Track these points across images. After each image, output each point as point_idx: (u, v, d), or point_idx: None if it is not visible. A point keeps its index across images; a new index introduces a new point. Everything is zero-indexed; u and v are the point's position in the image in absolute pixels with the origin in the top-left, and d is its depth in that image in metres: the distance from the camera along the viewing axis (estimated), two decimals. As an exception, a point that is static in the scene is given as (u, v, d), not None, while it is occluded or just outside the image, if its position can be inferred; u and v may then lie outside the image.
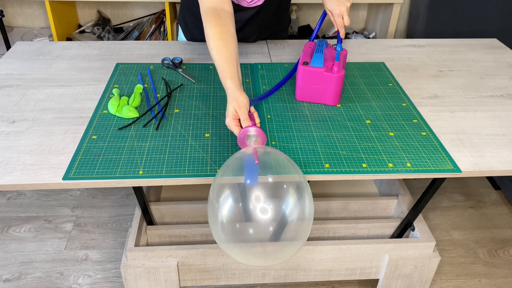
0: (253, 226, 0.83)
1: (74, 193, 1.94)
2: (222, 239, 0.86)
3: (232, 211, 0.84)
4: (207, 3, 1.11)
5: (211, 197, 0.87)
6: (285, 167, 0.88)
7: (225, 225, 0.84)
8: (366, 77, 1.35)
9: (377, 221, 1.39)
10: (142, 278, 1.25)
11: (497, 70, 1.42)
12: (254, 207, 0.83)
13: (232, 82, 1.00)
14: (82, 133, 1.07)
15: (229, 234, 0.85)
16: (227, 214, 0.84)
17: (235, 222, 0.84)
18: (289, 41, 1.57)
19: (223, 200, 0.85)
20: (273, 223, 0.83)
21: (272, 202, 0.83)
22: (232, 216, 0.84)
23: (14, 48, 1.47)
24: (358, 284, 1.56)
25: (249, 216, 0.83)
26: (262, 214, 0.83)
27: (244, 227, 0.84)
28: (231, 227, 0.84)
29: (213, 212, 0.86)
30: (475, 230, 1.81)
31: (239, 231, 0.84)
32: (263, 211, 0.83)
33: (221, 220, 0.84)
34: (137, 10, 2.50)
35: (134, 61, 1.40)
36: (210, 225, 0.88)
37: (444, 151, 1.04)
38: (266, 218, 0.83)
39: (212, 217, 0.86)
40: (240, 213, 0.84)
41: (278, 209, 0.83)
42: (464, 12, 2.22)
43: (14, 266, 1.60)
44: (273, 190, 0.85)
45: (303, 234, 0.87)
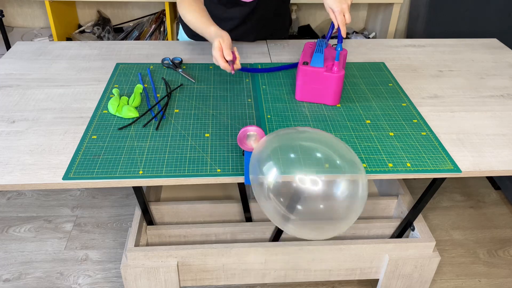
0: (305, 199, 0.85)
1: (74, 193, 1.94)
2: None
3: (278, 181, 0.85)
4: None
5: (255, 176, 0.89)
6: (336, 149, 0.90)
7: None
8: (366, 77, 1.35)
9: (377, 221, 1.39)
10: (142, 278, 1.25)
11: (497, 70, 1.42)
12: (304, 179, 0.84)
13: (215, 27, 1.16)
14: (82, 133, 1.07)
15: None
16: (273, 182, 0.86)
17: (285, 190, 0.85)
18: (289, 41, 1.57)
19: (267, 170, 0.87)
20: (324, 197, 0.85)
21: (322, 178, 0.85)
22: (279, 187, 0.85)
23: (14, 48, 1.47)
24: (358, 284, 1.56)
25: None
26: (313, 185, 0.84)
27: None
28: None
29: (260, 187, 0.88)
30: (475, 230, 1.81)
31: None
32: (314, 183, 0.84)
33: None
34: (137, 10, 2.50)
35: (134, 61, 1.40)
36: (259, 201, 0.89)
37: (444, 151, 1.04)
38: (317, 189, 0.84)
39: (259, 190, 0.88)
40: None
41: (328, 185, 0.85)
42: (464, 12, 2.22)
43: (14, 266, 1.60)
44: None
45: (353, 213, 0.88)
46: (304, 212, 0.85)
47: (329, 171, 0.85)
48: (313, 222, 0.87)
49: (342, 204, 0.86)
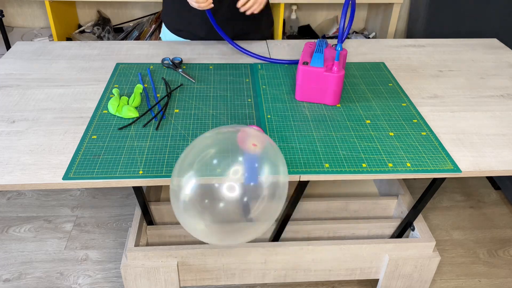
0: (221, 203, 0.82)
1: (74, 193, 1.94)
2: (185, 218, 0.85)
3: (195, 188, 0.82)
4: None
5: (173, 183, 0.86)
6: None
7: (188, 203, 0.83)
8: (366, 77, 1.35)
9: (377, 221, 1.39)
10: (142, 278, 1.25)
11: (497, 70, 1.42)
12: (220, 185, 0.82)
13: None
14: (82, 133, 1.07)
15: (193, 213, 0.83)
16: (189, 192, 0.82)
17: (202, 199, 0.82)
18: (289, 41, 1.57)
19: (186, 181, 0.83)
20: (240, 201, 0.82)
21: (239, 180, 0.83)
22: (195, 193, 0.82)
23: (14, 48, 1.47)
24: (358, 284, 1.56)
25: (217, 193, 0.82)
26: (229, 192, 0.82)
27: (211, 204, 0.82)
28: (194, 206, 0.83)
29: (175, 194, 0.85)
30: (475, 230, 1.81)
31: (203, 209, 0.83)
32: (230, 188, 0.82)
33: (183, 200, 0.83)
34: (137, 10, 2.50)
35: (134, 61, 1.40)
36: (172, 204, 0.86)
37: (444, 151, 1.04)
38: (233, 195, 0.82)
39: (173, 197, 0.85)
40: (205, 190, 0.82)
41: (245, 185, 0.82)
42: (464, 12, 2.22)
43: (14, 266, 1.60)
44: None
45: (272, 214, 0.86)
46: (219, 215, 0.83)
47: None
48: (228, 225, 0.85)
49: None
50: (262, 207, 0.84)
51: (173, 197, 0.86)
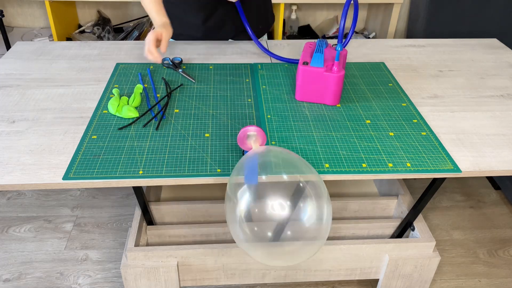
0: (271, 225, 0.84)
1: (74, 193, 1.94)
2: (240, 238, 0.86)
3: (250, 210, 0.84)
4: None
5: (229, 195, 0.88)
6: (300, 166, 0.89)
7: (244, 224, 0.85)
8: (366, 77, 1.35)
9: (377, 221, 1.39)
10: (142, 278, 1.25)
11: (497, 70, 1.42)
12: (272, 206, 0.83)
13: (161, 18, 1.25)
14: (82, 133, 1.07)
15: (248, 234, 0.85)
16: (245, 213, 0.84)
17: (254, 222, 0.84)
18: (289, 41, 1.57)
19: (241, 196, 0.85)
20: (289, 221, 0.83)
21: (289, 200, 0.84)
22: (249, 215, 0.84)
23: (14, 48, 1.47)
24: (358, 284, 1.56)
25: (266, 215, 0.83)
26: (280, 211, 0.83)
27: (263, 226, 0.84)
28: (250, 227, 0.84)
29: (232, 209, 0.86)
30: (475, 230, 1.81)
31: (258, 230, 0.84)
32: (281, 208, 0.83)
33: (239, 218, 0.85)
34: (137, 10, 2.50)
35: (134, 61, 1.40)
36: (229, 224, 0.88)
37: (444, 151, 1.04)
38: (283, 215, 0.83)
39: (231, 215, 0.87)
40: (257, 212, 0.84)
41: (294, 207, 0.84)
42: (464, 12, 2.22)
43: (14, 266, 1.60)
44: (288, 189, 0.85)
45: (322, 234, 0.87)
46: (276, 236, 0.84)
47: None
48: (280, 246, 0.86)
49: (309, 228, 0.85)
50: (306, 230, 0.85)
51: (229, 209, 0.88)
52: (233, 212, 0.86)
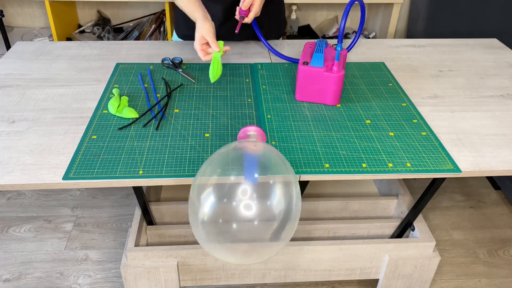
0: (237, 225, 0.81)
1: (74, 193, 1.94)
2: (203, 238, 0.84)
3: (214, 209, 0.82)
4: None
5: (191, 197, 0.85)
6: (276, 165, 0.87)
7: (206, 224, 0.83)
8: (366, 77, 1.35)
9: (377, 221, 1.39)
10: (142, 278, 1.25)
11: (497, 70, 1.42)
12: (238, 205, 0.81)
13: (199, 13, 1.19)
14: (82, 133, 1.07)
15: (211, 234, 0.83)
16: (208, 212, 0.82)
17: (217, 221, 0.82)
18: (289, 41, 1.57)
19: (205, 198, 0.83)
20: (257, 221, 0.81)
21: (257, 200, 0.82)
22: (213, 215, 0.82)
23: (14, 48, 1.47)
24: (358, 284, 1.56)
25: (233, 214, 0.81)
26: (246, 211, 0.81)
27: (227, 226, 0.82)
28: (213, 227, 0.82)
29: (193, 211, 0.84)
30: (475, 230, 1.81)
31: (221, 230, 0.82)
32: (248, 208, 0.81)
33: (201, 219, 0.82)
34: (137, 10, 2.50)
35: (134, 61, 1.40)
36: (191, 224, 0.85)
37: (444, 151, 1.04)
38: (249, 215, 0.81)
39: (192, 216, 0.85)
40: (222, 212, 0.82)
41: (262, 207, 0.82)
42: (464, 12, 2.22)
43: (14, 266, 1.60)
44: (259, 189, 0.83)
45: (287, 234, 0.85)
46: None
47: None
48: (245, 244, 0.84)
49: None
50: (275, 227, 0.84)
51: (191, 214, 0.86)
52: (195, 215, 0.83)
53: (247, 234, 0.82)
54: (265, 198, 0.82)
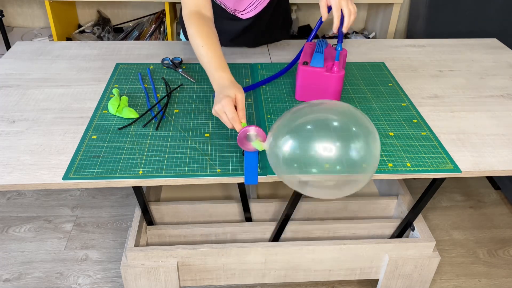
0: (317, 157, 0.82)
1: (74, 193, 1.94)
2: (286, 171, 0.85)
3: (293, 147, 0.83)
4: (190, 7, 1.13)
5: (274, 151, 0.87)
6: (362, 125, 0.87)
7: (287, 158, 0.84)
8: (366, 77, 1.35)
9: (377, 221, 1.39)
10: (142, 278, 1.25)
11: (497, 70, 1.42)
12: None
13: (227, 74, 1.01)
14: (82, 133, 1.07)
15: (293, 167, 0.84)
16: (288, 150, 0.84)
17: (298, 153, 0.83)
18: (289, 41, 1.57)
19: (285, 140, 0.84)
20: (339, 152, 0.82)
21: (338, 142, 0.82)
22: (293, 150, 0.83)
23: (14, 48, 1.47)
24: (358, 284, 1.56)
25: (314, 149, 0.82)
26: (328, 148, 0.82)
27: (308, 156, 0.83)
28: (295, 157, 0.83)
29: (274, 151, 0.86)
30: (475, 230, 1.81)
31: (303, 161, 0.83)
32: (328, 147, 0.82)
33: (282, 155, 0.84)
34: (137, 10, 2.50)
35: (134, 61, 1.40)
36: (274, 168, 0.87)
37: (444, 151, 1.04)
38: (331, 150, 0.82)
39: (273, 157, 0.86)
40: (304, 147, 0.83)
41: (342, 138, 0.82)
42: (464, 12, 2.22)
43: (14, 266, 1.60)
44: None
45: (372, 166, 0.85)
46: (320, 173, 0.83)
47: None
48: (330, 180, 0.85)
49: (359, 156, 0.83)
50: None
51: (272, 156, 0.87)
52: (277, 156, 0.85)
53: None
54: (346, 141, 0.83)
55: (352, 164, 0.83)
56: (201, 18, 1.11)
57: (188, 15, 1.12)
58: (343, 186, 0.87)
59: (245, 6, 1.32)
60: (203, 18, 1.11)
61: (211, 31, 1.09)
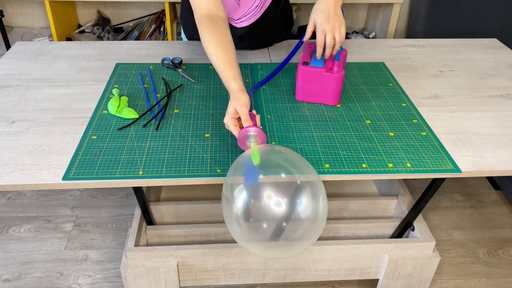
0: (269, 224, 0.84)
1: (74, 193, 1.94)
2: (239, 236, 0.87)
3: (248, 208, 0.85)
4: (201, 9, 1.11)
5: (226, 194, 0.88)
6: (299, 166, 0.88)
7: (243, 224, 0.85)
8: (366, 77, 1.35)
9: (377, 221, 1.39)
10: (142, 278, 1.25)
11: (497, 70, 1.42)
12: (268, 204, 0.83)
13: (235, 83, 1.01)
14: (82, 133, 1.07)
15: (247, 233, 0.86)
16: (242, 211, 0.85)
17: (252, 221, 0.85)
18: (289, 41, 1.56)
19: (237, 196, 0.86)
20: (285, 220, 0.84)
21: (285, 199, 0.84)
22: (247, 214, 0.85)
23: (14, 48, 1.47)
24: (358, 284, 1.56)
25: (263, 214, 0.84)
26: (276, 208, 0.83)
27: (261, 225, 0.85)
28: (249, 226, 0.85)
29: (229, 208, 0.87)
30: (475, 230, 1.81)
31: (255, 229, 0.85)
32: (278, 205, 0.83)
33: (236, 216, 0.85)
34: (137, 10, 2.50)
35: (134, 61, 1.40)
36: (227, 223, 0.88)
37: (444, 151, 1.04)
38: (279, 212, 0.83)
39: (228, 213, 0.87)
40: (255, 211, 0.84)
41: (291, 206, 0.84)
42: (464, 11, 2.22)
43: (14, 266, 1.60)
44: (285, 189, 0.85)
45: (315, 233, 0.87)
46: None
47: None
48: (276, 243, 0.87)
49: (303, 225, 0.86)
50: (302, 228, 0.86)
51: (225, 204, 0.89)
52: (230, 211, 0.86)
53: (278, 232, 0.85)
54: (291, 197, 0.84)
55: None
56: (213, 22, 1.09)
57: (200, 19, 1.11)
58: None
59: (240, 16, 1.31)
60: (215, 21, 1.09)
61: (223, 35, 1.08)
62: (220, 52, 1.05)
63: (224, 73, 1.03)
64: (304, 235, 0.86)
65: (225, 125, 0.98)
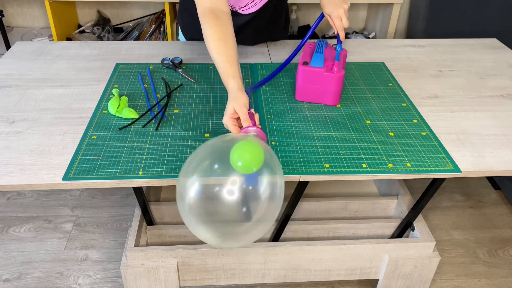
0: (221, 206, 0.84)
1: (74, 193, 1.94)
2: (190, 220, 0.87)
3: (199, 192, 0.85)
4: (204, 3, 1.10)
5: (181, 192, 0.88)
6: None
7: (193, 206, 0.85)
8: (366, 77, 1.35)
9: (377, 221, 1.39)
10: (142, 278, 1.25)
11: (497, 70, 1.42)
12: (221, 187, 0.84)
13: (234, 81, 1.00)
14: (81, 133, 1.07)
15: (197, 215, 0.85)
16: (194, 196, 0.84)
17: (203, 203, 0.85)
18: (289, 41, 1.57)
19: (190, 184, 0.85)
20: (241, 202, 0.84)
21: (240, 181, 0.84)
22: (199, 197, 0.85)
23: (14, 48, 1.47)
24: (358, 284, 1.56)
25: (216, 195, 0.84)
26: (229, 195, 0.84)
27: (212, 207, 0.85)
28: (198, 208, 0.85)
29: (180, 196, 0.87)
30: (475, 230, 1.81)
31: (207, 211, 0.85)
32: (230, 192, 0.84)
33: (188, 202, 0.85)
34: (137, 10, 2.50)
35: (134, 61, 1.40)
36: (179, 207, 0.88)
37: (444, 151, 1.04)
38: (233, 198, 0.83)
39: (180, 200, 0.87)
40: (207, 194, 0.85)
41: (245, 188, 0.84)
42: (464, 12, 2.22)
43: (14, 266, 1.60)
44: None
45: (271, 214, 0.87)
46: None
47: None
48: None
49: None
50: (262, 208, 0.85)
51: (178, 199, 0.87)
52: (182, 198, 0.86)
53: (230, 215, 0.85)
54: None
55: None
56: (216, 16, 1.08)
57: (202, 13, 1.09)
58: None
59: (246, 2, 1.31)
60: (218, 16, 1.08)
61: (225, 30, 1.07)
62: (221, 48, 1.04)
63: (224, 70, 1.02)
64: (260, 216, 0.86)
65: (224, 125, 0.98)
